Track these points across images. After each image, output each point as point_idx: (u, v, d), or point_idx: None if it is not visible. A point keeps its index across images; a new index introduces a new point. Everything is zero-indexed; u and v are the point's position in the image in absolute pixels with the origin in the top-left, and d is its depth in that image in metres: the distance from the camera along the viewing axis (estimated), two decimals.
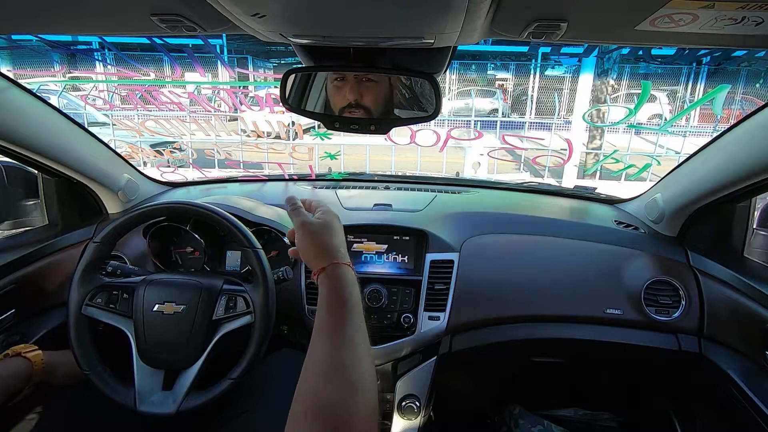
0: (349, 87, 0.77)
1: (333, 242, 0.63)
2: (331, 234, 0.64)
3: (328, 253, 0.61)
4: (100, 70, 7.02)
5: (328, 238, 0.63)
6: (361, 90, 0.77)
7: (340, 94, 0.78)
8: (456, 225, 1.18)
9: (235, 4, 0.45)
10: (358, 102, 0.77)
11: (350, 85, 0.77)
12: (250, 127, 4.78)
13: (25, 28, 0.67)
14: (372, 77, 0.77)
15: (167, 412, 0.81)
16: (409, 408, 1.08)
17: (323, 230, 0.64)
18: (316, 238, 0.63)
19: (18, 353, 0.83)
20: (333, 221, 0.66)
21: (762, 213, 1.08)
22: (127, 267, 0.96)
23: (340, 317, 0.53)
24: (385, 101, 0.79)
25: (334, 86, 0.79)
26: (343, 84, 0.78)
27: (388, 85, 0.79)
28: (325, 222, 0.65)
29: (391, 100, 0.80)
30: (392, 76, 0.79)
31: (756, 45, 0.56)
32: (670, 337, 1.05)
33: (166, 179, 1.52)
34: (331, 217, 0.67)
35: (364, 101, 0.77)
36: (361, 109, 0.77)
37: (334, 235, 0.64)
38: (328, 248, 0.61)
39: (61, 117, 1.04)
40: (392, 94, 0.80)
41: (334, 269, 0.59)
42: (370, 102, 0.77)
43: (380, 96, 0.78)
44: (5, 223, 1.14)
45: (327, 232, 0.64)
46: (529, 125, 8.54)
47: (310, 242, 0.63)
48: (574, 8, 0.49)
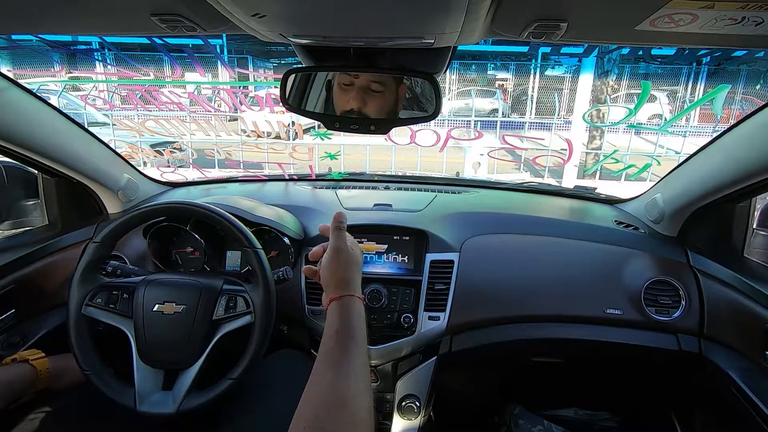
0: (354, 93, 0.77)
1: (354, 276, 0.65)
2: (355, 267, 0.67)
3: (348, 284, 0.63)
4: (100, 70, 7.02)
5: (352, 271, 0.66)
6: (366, 99, 0.77)
7: (344, 97, 0.78)
8: (456, 225, 1.18)
9: (235, 4, 0.45)
10: (361, 110, 0.77)
11: (356, 91, 0.77)
12: (250, 127, 4.79)
13: (25, 28, 0.67)
14: (378, 87, 0.77)
15: (167, 412, 0.81)
16: (409, 408, 1.08)
17: (352, 261, 0.67)
18: (344, 268, 0.65)
19: (26, 359, 0.83)
20: (359, 256, 0.70)
21: (762, 213, 1.08)
22: (127, 267, 0.96)
23: (346, 349, 0.54)
24: (387, 112, 0.79)
25: (340, 88, 0.79)
26: (350, 89, 0.78)
27: (394, 96, 0.79)
28: (356, 255, 0.69)
29: (395, 110, 0.80)
30: (400, 88, 0.78)
31: (756, 45, 0.56)
32: (670, 337, 1.05)
33: (166, 179, 1.52)
34: (359, 252, 0.71)
35: (367, 110, 0.77)
36: (357, 117, 0.77)
37: (356, 269, 0.67)
38: (349, 280, 0.64)
39: (61, 117, 1.04)
40: (397, 105, 0.80)
41: (349, 300, 0.61)
42: (372, 111, 0.77)
43: (384, 107, 0.78)
44: (5, 223, 1.14)
45: (353, 264, 0.67)
46: (529, 125, 8.53)
47: (336, 269, 0.65)
48: (574, 8, 0.49)
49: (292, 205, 1.23)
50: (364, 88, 0.77)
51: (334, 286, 0.63)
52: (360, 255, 0.71)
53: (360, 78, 0.77)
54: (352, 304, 0.61)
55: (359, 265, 0.69)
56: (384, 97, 0.77)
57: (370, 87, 0.77)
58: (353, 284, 0.64)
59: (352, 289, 0.63)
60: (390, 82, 0.77)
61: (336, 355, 0.54)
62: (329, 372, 0.52)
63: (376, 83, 0.77)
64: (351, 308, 0.60)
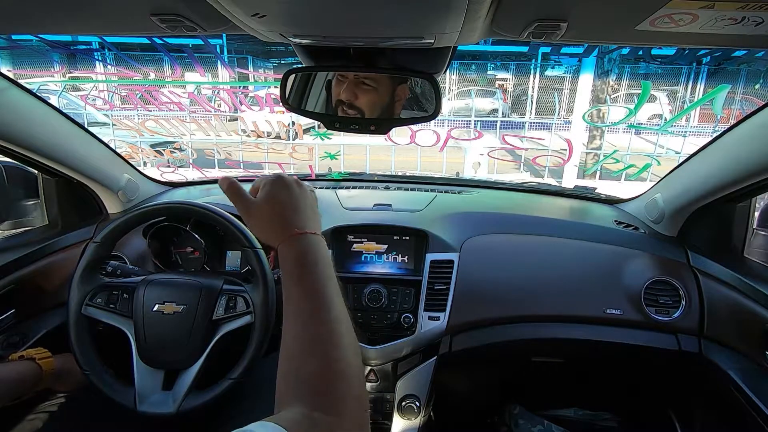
0: (345, 85, 0.77)
1: (285, 217, 0.53)
2: (283, 206, 0.53)
3: (283, 227, 0.52)
4: (100, 70, 7.02)
5: (280, 213, 0.53)
6: (357, 92, 0.77)
7: (337, 89, 0.78)
8: (456, 225, 1.18)
9: (235, 4, 0.45)
10: (352, 102, 0.77)
11: (347, 84, 0.77)
12: (250, 127, 4.79)
13: (25, 28, 0.67)
14: (371, 83, 0.76)
15: (167, 412, 0.81)
16: (409, 408, 1.08)
17: (272, 205, 0.54)
18: (265, 217, 0.53)
19: (32, 357, 0.83)
20: (277, 194, 0.54)
21: (762, 213, 1.08)
22: (127, 267, 0.96)
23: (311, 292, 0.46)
24: (382, 107, 0.79)
25: (336, 80, 0.80)
26: (343, 81, 0.78)
27: (389, 93, 0.78)
28: (271, 197, 0.54)
29: (391, 109, 0.80)
30: (399, 87, 0.79)
31: (756, 45, 0.56)
32: (670, 337, 1.05)
33: (166, 179, 1.52)
34: (275, 190, 0.55)
35: (358, 103, 0.77)
36: (353, 110, 0.77)
37: (286, 207, 0.54)
38: (281, 224, 0.52)
39: (61, 117, 1.04)
40: (393, 103, 0.79)
41: (291, 242, 0.50)
42: (364, 105, 0.77)
43: (377, 101, 0.78)
44: (5, 223, 1.14)
45: (278, 205, 0.54)
46: (529, 125, 8.54)
47: (257, 224, 0.54)
48: (574, 8, 0.49)
49: None
50: (356, 81, 0.77)
51: (271, 240, 0.53)
52: (297, 193, 0.56)
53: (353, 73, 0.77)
54: (300, 242, 0.50)
55: (294, 202, 0.54)
56: (377, 93, 0.77)
57: (362, 81, 0.77)
58: (290, 224, 0.52)
59: (291, 229, 0.51)
60: (384, 80, 0.77)
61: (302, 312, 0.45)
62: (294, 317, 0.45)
63: (368, 79, 0.77)
64: (299, 248, 0.50)
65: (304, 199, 0.56)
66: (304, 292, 0.47)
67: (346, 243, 1.14)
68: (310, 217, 0.54)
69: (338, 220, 1.16)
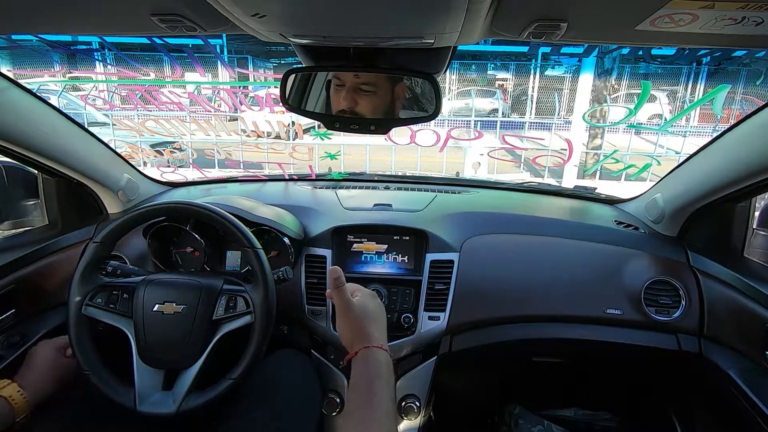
0: (344, 93, 0.77)
1: (369, 327, 0.64)
2: (370, 319, 0.65)
3: (363, 337, 0.62)
4: (100, 70, 7.02)
5: (366, 324, 0.64)
6: (357, 98, 0.77)
7: (337, 97, 0.79)
8: (456, 225, 1.18)
9: (235, 4, 0.45)
10: (352, 109, 0.77)
11: (346, 91, 0.77)
12: (250, 127, 4.79)
13: (25, 28, 0.67)
14: (369, 87, 0.76)
15: (167, 412, 0.81)
16: (409, 408, 1.08)
17: (364, 315, 0.65)
18: (356, 323, 0.64)
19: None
20: (374, 306, 0.68)
21: (762, 213, 1.08)
22: (127, 267, 0.96)
23: (367, 400, 0.55)
24: (384, 111, 0.79)
25: (334, 88, 0.79)
26: (341, 89, 0.78)
27: (388, 94, 0.78)
28: (366, 306, 0.67)
29: (392, 109, 0.80)
30: (397, 87, 0.78)
31: (756, 45, 0.56)
32: (670, 337, 1.05)
33: (166, 179, 1.52)
34: (367, 300, 0.68)
35: (359, 109, 0.77)
36: (355, 116, 0.77)
37: (372, 320, 0.65)
38: (364, 333, 0.63)
39: (61, 117, 1.04)
40: (393, 103, 0.79)
41: (365, 353, 0.60)
42: (365, 110, 0.77)
43: (378, 105, 0.78)
44: (5, 223, 1.14)
45: (366, 317, 0.65)
46: (529, 125, 8.53)
47: (348, 326, 0.64)
48: (574, 8, 0.49)
49: (292, 205, 1.23)
50: (354, 87, 0.77)
51: (349, 344, 0.63)
52: (377, 305, 0.69)
53: (350, 78, 0.77)
54: (370, 355, 0.60)
55: (376, 314, 0.67)
56: (377, 96, 0.77)
57: (360, 87, 0.77)
58: (370, 336, 0.62)
59: (370, 341, 0.61)
60: (382, 81, 0.77)
61: (357, 406, 0.54)
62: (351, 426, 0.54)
63: (366, 84, 0.76)
64: (368, 361, 0.59)
65: (383, 316, 0.68)
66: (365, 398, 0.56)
67: (346, 243, 1.14)
68: (383, 333, 0.65)
69: (338, 220, 1.16)
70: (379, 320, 0.66)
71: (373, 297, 0.70)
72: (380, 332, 0.65)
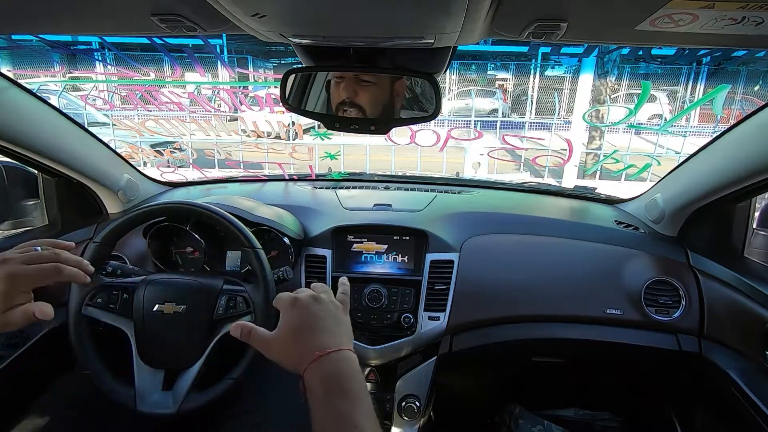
0: (344, 84, 0.78)
1: (304, 339, 0.50)
2: (300, 332, 0.51)
3: (302, 353, 0.48)
4: (100, 70, 7.01)
5: (298, 338, 0.50)
6: (357, 89, 0.77)
7: (337, 90, 0.79)
8: (456, 225, 1.18)
9: (235, 4, 0.45)
10: (352, 100, 0.77)
11: (345, 83, 0.78)
12: (250, 127, 4.79)
13: (25, 28, 0.67)
14: (369, 78, 0.77)
15: (167, 412, 0.81)
16: (409, 408, 1.08)
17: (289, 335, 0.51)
18: (283, 350, 0.51)
19: None
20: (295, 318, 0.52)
21: (762, 213, 1.08)
22: (127, 267, 0.96)
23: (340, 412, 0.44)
24: (383, 104, 0.79)
25: (334, 82, 0.80)
26: (341, 81, 0.78)
27: (388, 89, 0.79)
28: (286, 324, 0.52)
29: (391, 104, 0.80)
30: (397, 83, 0.79)
31: (756, 45, 0.56)
32: (670, 337, 1.05)
33: (166, 179, 1.52)
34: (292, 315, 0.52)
35: (358, 100, 0.77)
36: (355, 108, 0.77)
37: (304, 330, 0.51)
38: (300, 349, 0.49)
39: (61, 117, 1.04)
40: (393, 99, 0.80)
41: (313, 367, 0.47)
42: (364, 102, 0.78)
43: (377, 97, 0.78)
44: (5, 223, 1.14)
45: (293, 333, 0.51)
46: (529, 125, 8.53)
47: (281, 355, 0.51)
48: (574, 8, 0.49)
49: (292, 205, 1.23)
50: (355, 79, 0.77)
51: (294, 364, 0.49)
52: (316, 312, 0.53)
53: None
54: (324, 368, 0.47)
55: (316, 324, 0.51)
56: (376, 88, 0.78)
57: (360, 79, 0.77)
58: (312, 345, 0.48)
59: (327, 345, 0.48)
60: (382, 75, 0.78)
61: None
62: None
63: (366, 76, 0.77)
64: (324, 376, 0.46)
65: (324, 316, 0.53)
66: (329, 417, 0.44)
67: (346, 243, 1.14)
68: (333, 333, 0.51)
69: (338, 220, 1.16)
70: (318, 327, 0.51)
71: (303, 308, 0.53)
72: (328, 338, 0.50)
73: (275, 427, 0.84)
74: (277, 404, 0.87)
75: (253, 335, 0.53)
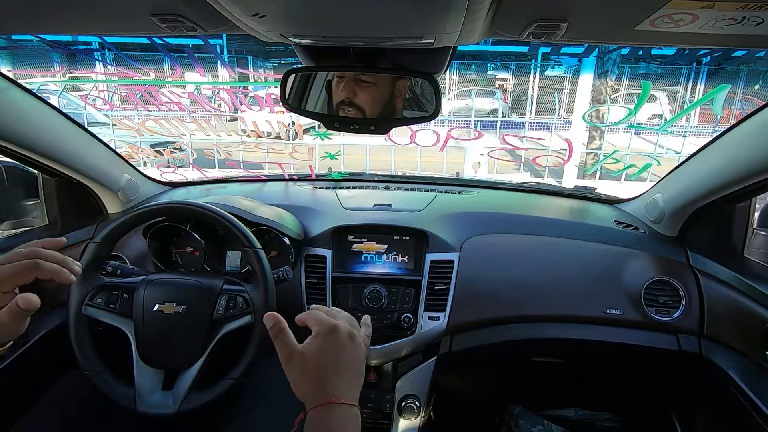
0: (344, 84, 0.78)
1: (328, 379, 0.48)
2: (329, 367, 0.49)
3: (320, 390, 0.47)
4: (100, 70, 7.02)
5: (326, 373, 0.48)
6: (356, 88, 0.77)
7: (337, 89, 0.79)
8: (456, 225, 1.18)
9: (235, 4, 0.45)
10: (351, 100, 0.77)
11: (345, 82, 0.78)
12: (250, 127, 4.79)
13: (25, 28, 0.67)
14: (369, 78, 0.77)
15: (167, 412, 0.81)
16: (409, 408, 1.08)
17: (318, 364, 0.49)
18: (307, 374, 0.49)
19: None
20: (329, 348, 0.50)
21: (762, 213, 1.08)
22: (127, 267, 0.96)
23: None
24: (383, 104, 0.79)
25: (335, 81, 0.80)
26: (341, 81, 0.78)
27: (389, 89, 0.79)
28: (321, 349, 0.50)
29: (392, 104, 0.80)
30: (397, 82, 0.79)
31: (756, 45, 0.56)
32: (670, 337, 1.05)
33: (166, 179, 1.52)
34: (329, 343, 0.50)
35: (358, 100, 0.77)
36: (354, 108, 0.77)
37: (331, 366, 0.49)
38: (319, 385, 0.47)
39: (61, 117, 1.04)
40: (393, 99, 0.80)
41: (326, 411, 0.45)
42: (363, 102, 0.78)
43: (377, 97, 0.78)
44: (5, 223, 1.14)
45: (323, 366, 0.49)
46: (529, 125, 8.54)
47: (299, 376, 0.49)
48: (574, 8, 0.49)
49: (292, 205, 1.23)
50: (355, 78, 0.77)
51: (303, 395, 0.48)
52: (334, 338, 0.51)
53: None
54: (332, 416, 0.45)
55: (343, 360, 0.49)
56: (376, 88, 0.78)
57: (360, 78, 0.77)
58: (332, 390, 0.46)
59: (332, 395, 0.46)
60: (383, 75, 0.78)
61: None
62: None
63: (366, 75, 0.77)
64: (329, 424, 0.44)
65: (352, 362, 0.51)
66: None
67: (346, 243, 1.14)
68: (352, 384, 0.50)
69: (338, 220, 1.16)
70: (343, 370, 0.49)
71: (339, 342, 0.51)
72: (347, 387, 0.48)
73: (275, 427, 0.84)
74: (277, 404, 0.87)
75: (282, 337, 0.51)
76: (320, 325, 0.52)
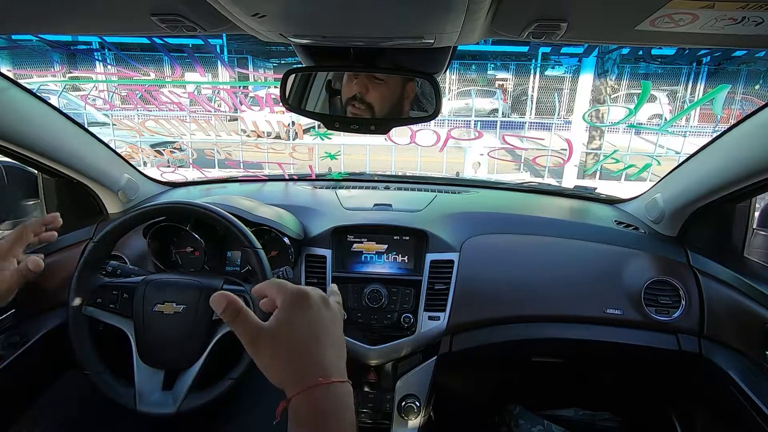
0: (357, 79, 0.78)
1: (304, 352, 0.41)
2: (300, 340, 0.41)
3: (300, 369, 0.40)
4: (100, 70, 7.03)
5: (297, 347, 0.41)
6: (369, 85, 0.77)
7: (349, 85, 0.79)
8: (456, 225, 1.18)
9: (235, 4, 0.45)
10: (363, 96, 0.77)
11: (359, 77, 0.78)
12: (250, 127, 4.79)
13: (25, 28, 0.67)
14: (381, 76, 0.77)
15: (167, 412, 0.81)
16: (409, 408, 1.08)
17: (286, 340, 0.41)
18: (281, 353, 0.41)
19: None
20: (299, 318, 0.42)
21: (762, 213, 1.08)
22: (127, 267, 0.96)
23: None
24: (392, 104, 0.79)
25: (346, 78, 0.80)
26: (354, 77, 0.79)
27: (399, 89, 0.79)
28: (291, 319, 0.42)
29: (399, 105, 0.80)
30: (408, 84, 0.79)
31: (756, 45, 0.56)
32: (670, 338, 1.05)
33: (166, 179, 1.52)
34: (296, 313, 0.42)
35: (369, 97, 0.77)
36: (363, 105, 0.77)
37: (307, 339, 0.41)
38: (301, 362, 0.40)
39: (61, 117, 1.04)
40: (402, 99, 0.80)
41: (310, 394, 0.38)
42: (374, 99, 0.78)
43: (387, 96, 0.78)
44: (5, 223, 1.14)
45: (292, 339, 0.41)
46: (529, 125, 8.55)
47: (271, 358, 0.41)
48: (574, 8, 0.49)
49: (292, 205, 1.23)
50: (368, 75, 0.77)
51: (280, 381, 0.41)
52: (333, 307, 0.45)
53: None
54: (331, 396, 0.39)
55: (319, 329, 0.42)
56: (387, 87, 0.78)
57: (374, 75, 0.77)
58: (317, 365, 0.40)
59: (321, 372, 0.39)
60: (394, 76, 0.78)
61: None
62: None
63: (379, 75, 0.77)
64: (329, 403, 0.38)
65: (333, 327, 0.44)
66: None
67: (346, 243, 1.14)
68: (337, 355, 0.42)
69: (338, 220, 1.16)
70: (323, 340, 0.42)
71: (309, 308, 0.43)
72: (332, 360, 0.41)
73: (275, 427, 0.84)
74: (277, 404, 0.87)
75: (241, 318, 0.42)
76: (285, 293, 0.43)
